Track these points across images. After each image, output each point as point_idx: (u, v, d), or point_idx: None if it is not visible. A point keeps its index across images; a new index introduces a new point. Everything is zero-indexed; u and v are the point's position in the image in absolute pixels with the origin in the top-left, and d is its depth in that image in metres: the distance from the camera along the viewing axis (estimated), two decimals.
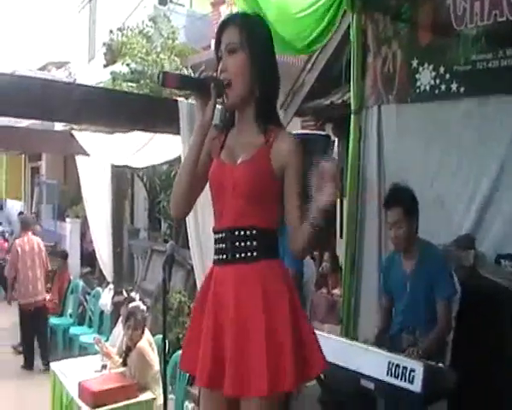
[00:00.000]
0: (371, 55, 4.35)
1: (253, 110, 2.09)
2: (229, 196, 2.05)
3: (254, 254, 2.03)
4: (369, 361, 2.53)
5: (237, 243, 2.04)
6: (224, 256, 2.07)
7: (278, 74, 2.17)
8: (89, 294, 8.34)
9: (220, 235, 2.09)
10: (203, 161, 2.16)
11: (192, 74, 1.99)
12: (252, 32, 2.07)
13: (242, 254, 2.04)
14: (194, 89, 2.08)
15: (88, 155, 6.81)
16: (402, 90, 4.14)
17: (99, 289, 8.00)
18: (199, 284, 4.31)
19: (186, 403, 4.68)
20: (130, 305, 4.75)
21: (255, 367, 1.93)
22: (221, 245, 2.09)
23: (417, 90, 4.02)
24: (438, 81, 3.90)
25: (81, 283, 8.71)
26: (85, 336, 7.40)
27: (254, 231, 2.02)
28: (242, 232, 2.03)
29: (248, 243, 2.03)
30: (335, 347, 2.77)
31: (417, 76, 4.02)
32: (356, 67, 4.32)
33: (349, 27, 4.39)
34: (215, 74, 2.08)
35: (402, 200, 3.27)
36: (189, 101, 4.92)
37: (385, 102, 4.24)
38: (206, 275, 2.19)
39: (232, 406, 2.05)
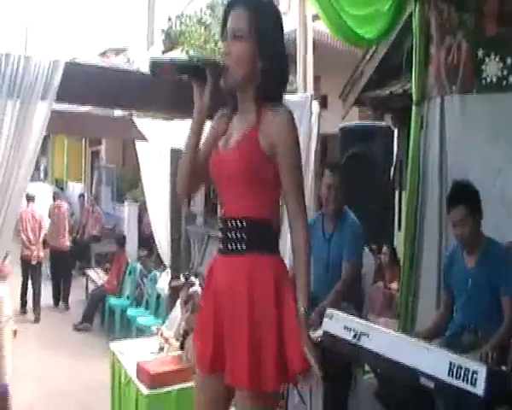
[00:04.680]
0: (434, 45, 4.24)
1: (252, 95, 2.07)
2: (225, 185, 2.06)
3: (243, 246, 2.02)
4: (429, 360, 2.47)
5: (229, 234, 2.06)
6: (221, 246, 2.11)
7: (285, 61, 2.12)
8: (146, 277, 8.50)
9: (220, 225, 2.12)
10: (208, 148, 2.16)
11: (185, 58, 1.88)
12: (260, 19, 2.02)
13: (233, 246, 2.04)
14: (189, 74, 2.04)
15: (147, 140, 6.91)
16: (466, 81, 4.02)
17: (156, 272, 8.14)
18: None
19: None
20: (191, 289, 4.82)
21: (239, 360, 1.96)
22: (220, 234, 2.11)
23: (483, 82, 3.90)
24: (505, 72, 3.77)
25: (139, 265, 8.89)
26: (142, 317, 7.59)
27: (244, 223, 2.01)
28: (234, 223, 2.04)
29: (238, 234, 2.03)
30: (394, 342, 2.74)
31: (483, 67, 3.90)
32: (418, 57, 4.22)
33: (411, 16, 4.30)
34: (212, 58, 2.06)
35: (465, 198, 3.21)
36: None
37: (448, 93, 4.12)
38: (211, 261, 2.21)
39: (226, 394, 2.10)
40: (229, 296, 2.03)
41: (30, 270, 9.14)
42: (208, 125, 2.21)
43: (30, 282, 9.15)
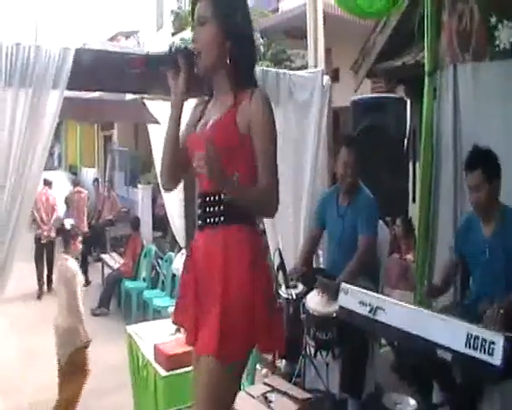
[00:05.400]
0: (446, 12, 4.16)
1: (226, 77, 2.13)
2: None
3: (221, 219, 2.07)
4: (446, 331, 2.45)
5: (207, 209, 2.10)
6: (200, 222, 2.14)
7: (252, 42, 2.22)
8: (161, 258, 8.53)
9: (198, 201, 2.15)
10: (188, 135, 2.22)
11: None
12: (221, 2, 2.09)
13: (212, 220, 2.09)
14: (164, 65, 2.11)
15: (159, 123, 6.89)
16: (479, 49, 3.94)
17: (171, 253, 8.16)
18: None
19: (257, 366, 4.74)
20: None
21: (209, 328, 2.02)
22: (198, 211, 2.15)
23: (496, 48, 3.82)
24: None
25: (154, 247, 8.91)
26: (158, 299, 7.60)
27: (222, 196, 2.01)
28: (212, 198, 2.08)
29: (216, 208, 2.07)
30: (410, 315, 2.73)
31: (496, 33, 3.81)
32: (430, 25, 4.16)
33: None
34: (184, 46, 2.11)
35: (483, 162, 3.16)
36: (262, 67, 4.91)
37: (461, 61, 4.05)
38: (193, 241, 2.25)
39: None
40: (206, 267, 2.09)
41: (43, 249, 9.79)
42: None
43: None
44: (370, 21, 6.39)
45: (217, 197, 2.05)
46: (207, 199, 2.09)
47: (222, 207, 2.05)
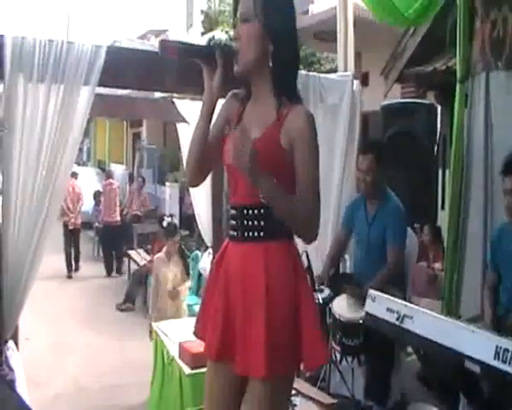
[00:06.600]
0: (479, 19, 4.12)
1: (267, 83, 2.04)
2: (241, 175, 1.99)
3: (261, 234, 2.01)
4: (474, 343, 2.43)
5: (246, 222, 2.03)
6: (236, 234, 2.08)
7: (296, 45, 2.11)
8: (188, 257, 8.57)
9: (233, 212, 2.10)
10: (219, 130, 2.16)
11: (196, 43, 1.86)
12: (268, 0, 2.00)
13: (250, 234, 2.03)
14: (199, 57, 2.03)
15: (187, 122, 6.93)
16: None
17: (198, 252, 8.21)
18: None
19: None
20: None
21: (254, 350, 1.94)
22: (233, 222, 2.09)
23: None
24: None
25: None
26: None
27: (262, 211, 1.97)
28: (251, 211, 2.02)
29: (256, 222, 2.01)
30: (438, 324, 2.71)
31: None
32: (462, 32, 4.10)
33: None
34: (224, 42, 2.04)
35: None
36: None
37: (494, 69, 4.01)
38: (222, 248, 2.19)
39: (238, 382, 2.07)
40: (245, 284, 2.02)
41: (70, 235, 11.05)
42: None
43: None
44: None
45: (256, 211, 2.01)
46: (245, 212, 2.03)
47: (262, 222, 2.01)
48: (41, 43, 3.40)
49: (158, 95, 10.32)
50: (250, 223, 2.02)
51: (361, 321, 3.49)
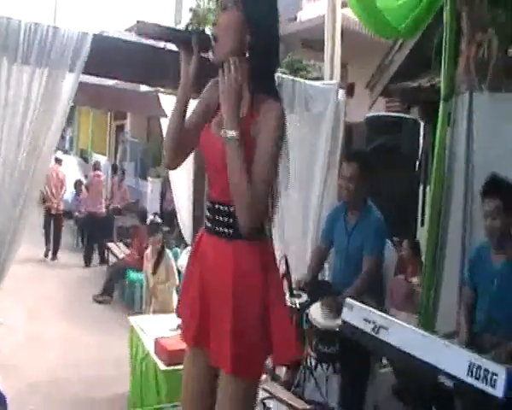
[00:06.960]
0: (465, 39, 4.21)
1: (243, 74, 1.98)
2: (215, 170, 2.04)
3: (230, 231, 2.02)
4: (449, 358, 2.47)
5: (217, 217, 2.06)
6: (209, 225, 2.11)
7: (275, 37, 2.06)
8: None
9: (208, 204, 2.13)
10: (199, 116, 2.16)
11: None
12: None
13: (221, 229, 2.05)
14: (176, 41, 2.02)
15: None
16: (497, 79, 4.02)
17: (177, 249, 8.20)
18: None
19: None
20: None
21: (222, 345, 1.99)
22: (208, 214, 2.12)
23: None
24: None
25: None
26: None
27: (232, 209, 1.97)
28: (222, 207, 2.04)
29: (226, 219, 2.03)
30: (413, 337, 2.74)
31: None
32: (448, 51, 4.18)
33: (442, 8, 4.22)
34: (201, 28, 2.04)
35: (501, 191, 3.19)
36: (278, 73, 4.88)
37: (478, 90, 4.10)
38: (197, 237, 2.22)
39: (213, 369, 2.10)
40: (215, 279, 2.05)
41: (51, 219, 11.09)
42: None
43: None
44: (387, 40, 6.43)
45: (227, 208, 2.02)
46: (218, 207, 2.06)
47: (232, 221, 2.01)
48: (26, 26, 3.34)
49: (144, 88, 10.28)
50: (221, 218, 2.04)
51: (337, 329, 3.51)
